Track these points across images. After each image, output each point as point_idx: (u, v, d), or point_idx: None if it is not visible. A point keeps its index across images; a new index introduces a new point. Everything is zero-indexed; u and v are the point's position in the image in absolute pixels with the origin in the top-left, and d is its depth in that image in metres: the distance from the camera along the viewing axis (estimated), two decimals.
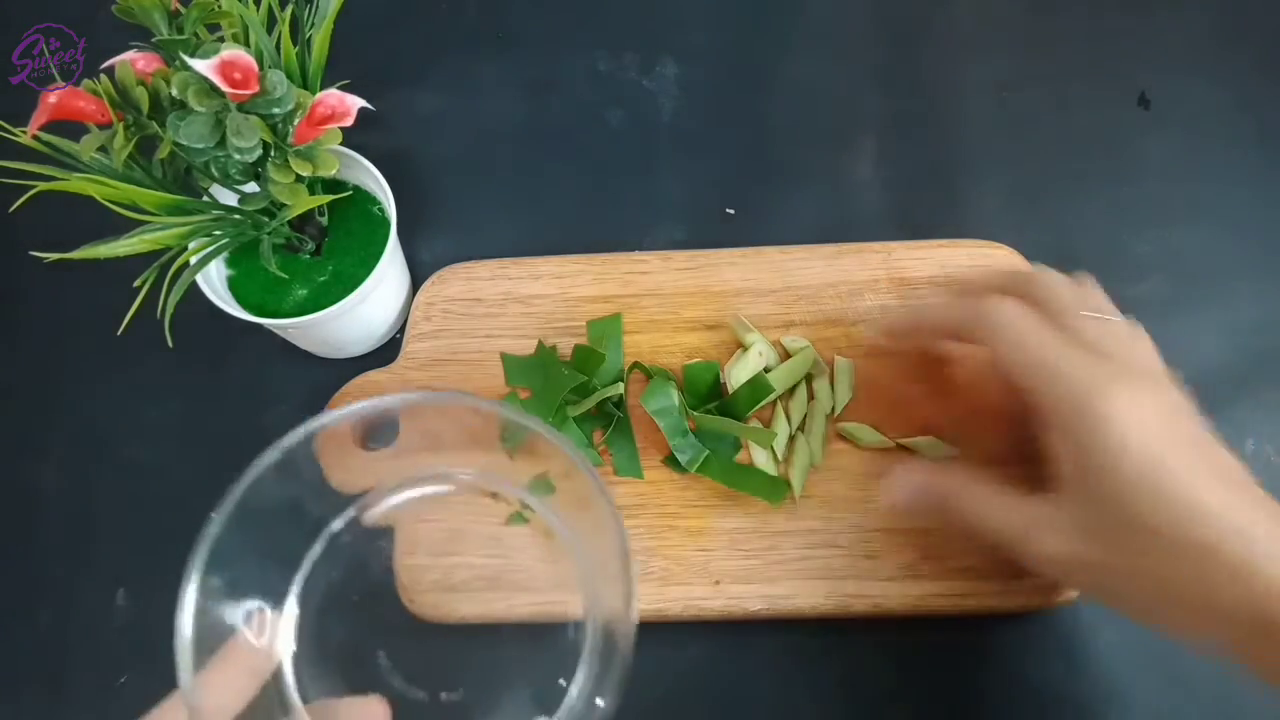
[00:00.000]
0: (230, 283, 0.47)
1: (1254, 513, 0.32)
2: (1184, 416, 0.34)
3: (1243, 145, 0.53)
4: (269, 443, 0.49)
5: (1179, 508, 0.32)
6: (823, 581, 0.43)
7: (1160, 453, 0.33)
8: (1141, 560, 0.33)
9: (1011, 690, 0.43)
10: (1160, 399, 0.34)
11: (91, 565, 0.48)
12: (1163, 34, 0.56)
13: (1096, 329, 0.37)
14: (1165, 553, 0.33)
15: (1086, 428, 0.34)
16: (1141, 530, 0.33)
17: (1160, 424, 0.33)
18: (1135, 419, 0.33)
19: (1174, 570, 0.33)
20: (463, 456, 0.41)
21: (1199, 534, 0.32)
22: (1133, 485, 0.33)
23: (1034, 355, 0.36)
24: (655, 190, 0.54)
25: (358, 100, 0.41)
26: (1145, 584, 0.34)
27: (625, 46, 0.58)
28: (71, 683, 0.46)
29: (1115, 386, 0.34)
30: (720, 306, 0.48)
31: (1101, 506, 0.34)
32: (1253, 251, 0.50)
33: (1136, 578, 0.34)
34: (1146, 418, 0.33)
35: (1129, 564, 0.34)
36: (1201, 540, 0.32)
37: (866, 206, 0.53)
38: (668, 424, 0.45)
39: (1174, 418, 0.34)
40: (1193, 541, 0.32)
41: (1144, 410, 0.34)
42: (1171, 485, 0.32)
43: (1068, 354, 0.36)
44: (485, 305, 0.49)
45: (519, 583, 0.43)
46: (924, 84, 0.56)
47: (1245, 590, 0.31)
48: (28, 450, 0.50)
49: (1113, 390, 0.34)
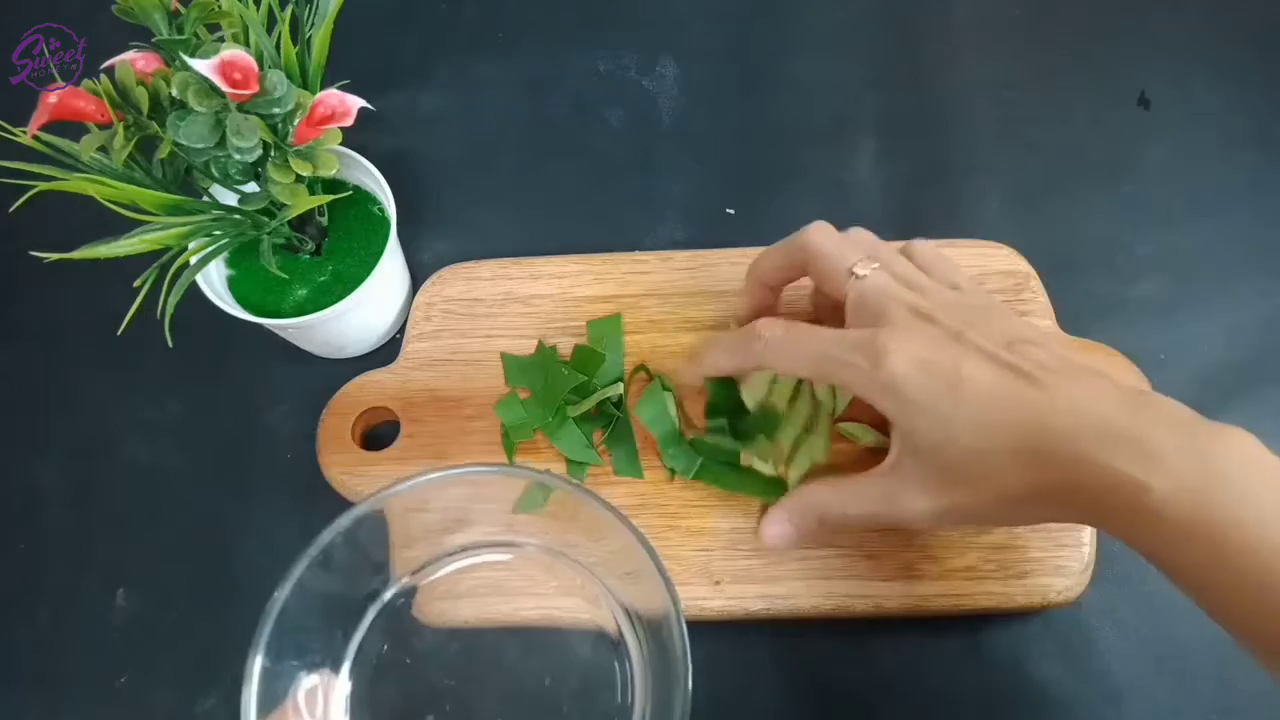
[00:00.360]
0: (230, 283, 0.47)
1: (1078, 387, 0.33)
2: (956, 338, 0.35)
3: (1243, 145, 0.53)
4: (269, 442, 0.49)
5: (990, 431, 0.34)
6: (823, 581, 0.43)
7: (945, 388, 0.34)
8: (988, 490, 0.35)
9: (1011, 690, 0.43)
10: (928, 338, 0.35)
11: (91, 565, 0.48)
12: (1163, 34, 0.56)
13: (864, 287, 0.38)
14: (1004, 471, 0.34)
15: (879, 397, 0.36)
16: (971, 463, 0.34)
17: (934, 365, 0.35)
18: (910, 374, 0.35)
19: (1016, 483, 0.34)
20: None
21: (1024, 443, 0.33)
22: (941, 430, 0.34)
23: (810, 357, 0.38)
24: (655, 190, 0.54)
25: (358, 100, 0.41)
26: (1005, 506, 0.35)
27: (625, 46, 0.58)
28: (71, 683, 0.46)
29: (884, 347, 0.35)
30: (720, 306, 0.48)
31: (932, 462, 0.36)
32: (1253, 251, 0.50)
33: (986, 507, 0.35)
34: (918, 368, 0.35)
35: (980, 497, 0.35)
36: (1027, 448, 0.33)
37: (866, 206, 0.53)
38: (660, 433, 0.45)
39: (947, 346, 0.35)
40: (1017, 451, 0.33)
41: (914, 357, 0.35)
42: (973, 412, 0.34)
43: (838, 338, 0.37)
44: (485, 305, 0.49)
45: (522, 588, 0.43)
46: (924, 84, 0.56)
47: (1086, 469, 0.32)
48: (28, 450, 0.50)
49: (883, 352, 0.35)
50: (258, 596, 0.44)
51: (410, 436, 0.47)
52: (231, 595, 0.46)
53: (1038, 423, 0.33)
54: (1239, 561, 0.30)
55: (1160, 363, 0.47)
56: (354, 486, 0.45)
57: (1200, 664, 0.42)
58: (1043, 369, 0.34)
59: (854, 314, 0.39)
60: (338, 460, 0.46)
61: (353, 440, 0.47)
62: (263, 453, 0.49)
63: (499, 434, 0.46)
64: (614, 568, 0.40)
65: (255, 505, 0.48)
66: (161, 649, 0.46)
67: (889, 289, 0.38)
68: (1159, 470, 0.31)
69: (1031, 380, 0.34)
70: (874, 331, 0.36)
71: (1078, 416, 0.32)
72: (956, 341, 0.35)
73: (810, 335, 0.39)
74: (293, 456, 0.49)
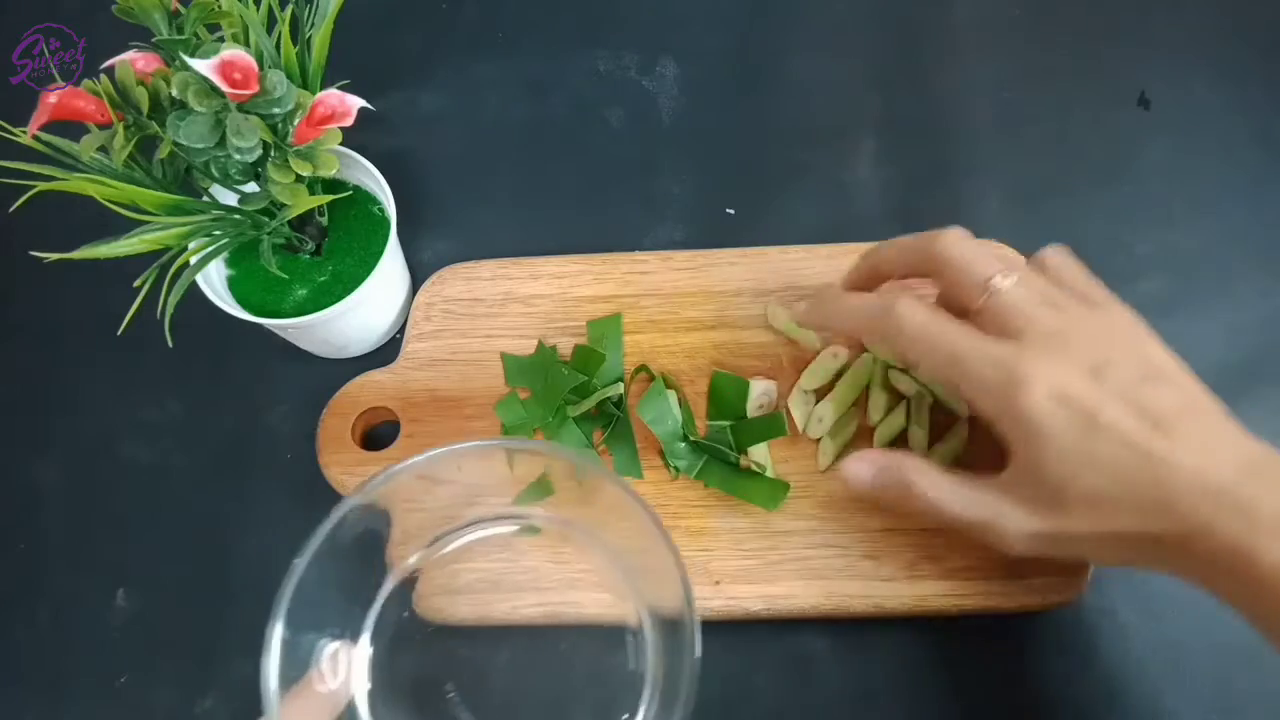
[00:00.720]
0: (230, 283, 0.47)
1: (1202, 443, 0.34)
2: (1094, 375, 0.35)
3: (1243, 145, 0.53)
4: (269, 442, 0.49)
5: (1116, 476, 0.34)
6: (823, 581, 0.43)
7: (1080, 430, 0.34)
8: (1099, 526, 0.35)
9: (1011, 690, 0.43)
10: (1067, 370, 0.35)
11: (91, 565, 0.48)
12: (1163, 34, 0.56)
13: (1001, 303, 0.37)
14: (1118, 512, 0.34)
15: (1010, 421, 0.36)
16: (1090, 500, 0.34)
17: (1073, 401, 0.34)
18: (1048, 409, 0.34)
19: (1129, 525, 0.34)
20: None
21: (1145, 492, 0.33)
22: (1068, 466, 0.34)
23: (943, 356, 0.37)
24: (655, 190, 0.54)
25: (358, 100, 0.41)
26: (1108, 543, 0.35)
27: (625, 46, 0.58)
28: (71, 683, 0.46)
29: (1025, 374, 0.35)
30: (720, 306, 0.48)
31: (1049, 489, 0.35)
32: (1252, 251, 0.50)
33: (1090, 542, 0.36)
34: (1056, 404, 0.34)
35: (1089, 530, 0.35)
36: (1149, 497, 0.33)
37: (866, 206, 0.53)
38: (663, 432, 0.45)
39: (1085, 384, 0.35)
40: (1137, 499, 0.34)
41: (1054, 392, 0.35)
42: (1101, 456, 0.34)
43: (975, 347, 0.36)
44: (485, 305, 0.49)
45: (522, 584, 0.43)
46: (924, 84, 0.56)
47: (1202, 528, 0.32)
48: (28, 450, 0.50)
49: (1023, 380, 0.35)
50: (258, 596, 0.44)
51: (410, 437, 0.47)
52: (231, 595, 0.46)
53: (1161, 475, 0.33)
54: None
55: None
56: (354, 486, 0.45)
57: (1200, 664, 0.42)
58: (1174, 417, 0.34)
59: (988, 328, 0.37)
60: (338, 460, 0.46)
61: (353, 440, 0.47)
62: (263, 453, 0.49)
63: (499, 434, 0.46)
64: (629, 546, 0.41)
65: (255, 505, 0.48)
66: (161, 649, 0.46)
67: (1027, 306, 0.37)
68: (1266, 540, 0.31)
69: (1163, 430, 0.34)
70: (1015, 351, 0.36)
71: (1198, 475, 0.33)
72: (1095, 380, 0.35)
73: (951, 333, 0.37)
74: (293, 456, 0.49)
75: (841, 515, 0.44)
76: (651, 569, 0.37)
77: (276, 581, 0.36)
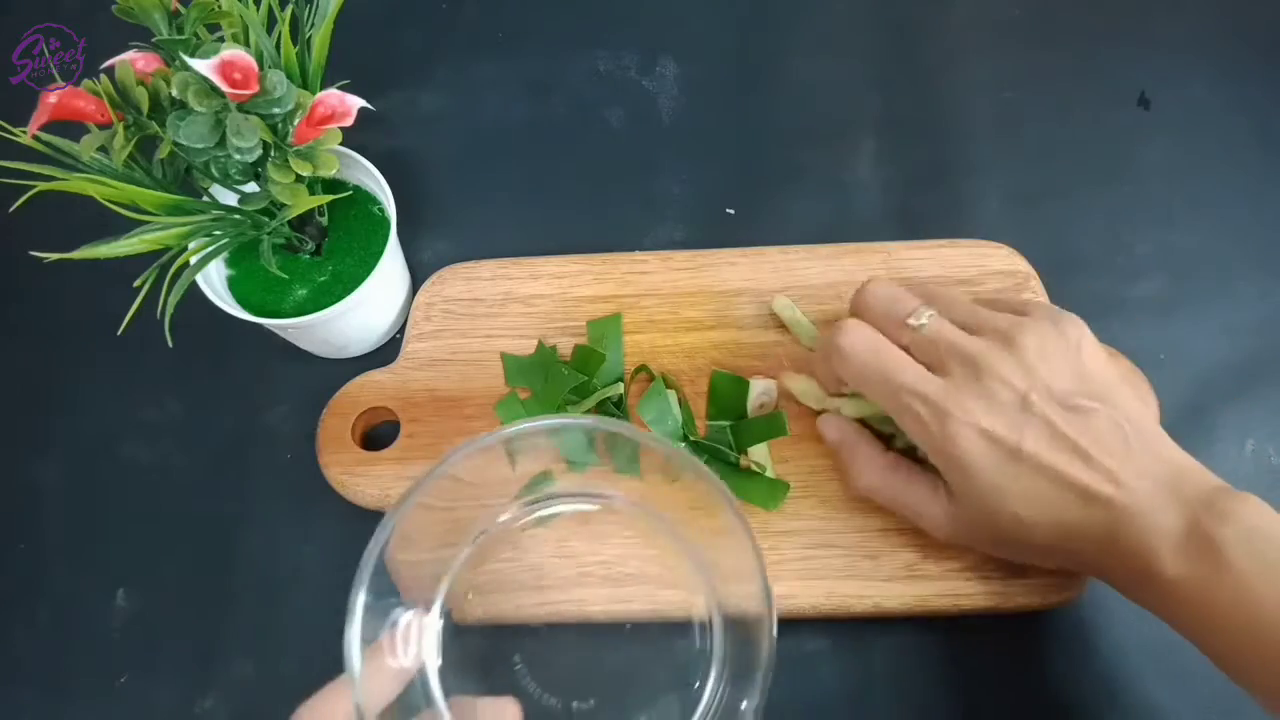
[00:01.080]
0: (230, 283, 0.47)
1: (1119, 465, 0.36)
2: (1020, 407, 0.37)
3: (1242, 145, 0.53)
4: (269, 442, 0.49)
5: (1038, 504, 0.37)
6: (823, 581, 0.43)
7: (1003, 463, 0.37)
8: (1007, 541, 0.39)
9: (1011, 690, 0.43)
10: (989, 405, 0.37)
11: (91, 565, 0.48)
12: (1163, 34, 0.56)
13: (922, 339, 0.39)
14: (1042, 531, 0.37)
15: (942, 458, 0.38)
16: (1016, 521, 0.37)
17: (997, 438, 0.37)
18: (977, 449, 0.37)
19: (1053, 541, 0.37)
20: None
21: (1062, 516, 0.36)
22: (993, 498, 0.37)
23: (885, 390, 0.39)
24: (655, 190, 0.54)
25: (358, 100, 0.41)
26: (1014, 552, 0.40)
27: (625, 46, 0.58)
28: (71, 683, 0.46)
29: (950, 412, 0.37)
30: (720, 306, 0.48)
31: (971, 510, 0.38)
32: (1252, 251, 0.50)
33: (1011, 549, 0.40)
34: (983, 442, 0.37)
35: (1001, 543, 0.39)
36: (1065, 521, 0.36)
37: (866, 206, 0.53)
38: (663, 432, 0.45)
39: (1009, 418, 0.37)
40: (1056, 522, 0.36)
41: (980, 429, 0.37)
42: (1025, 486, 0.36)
43: (906, 384, 0.38)
44: (485, 305, 0.49)
45: (526, 582, 0.43)
46: (924, 84, 0.56)
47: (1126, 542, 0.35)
48: (28, 450, 0.50)
49: (950, 419, 0.37)
50: (258, 596, 0.44)
51: (410, 437, 0.47)
52: (232, 595, 0.46)
53: (1081, 499, 0.36)
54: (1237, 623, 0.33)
55: (1160, 362, 0.47)
56: (354, 486, 0.45)
57: (1200, 664, 0.42)
58: (1091, 442, 0.36)
59: (920, 361, 0.40)
60: (338, 460, 0.46)
61: (353, 440, 0.47)
62: (263, 453, 0.49)
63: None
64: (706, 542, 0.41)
65: (255, 505, 0.48)
66: (161, 649, 0.46)
67: (942, 339, 0.39)
68: (1169, 556, 0.34)
69: (1084, 457, 0.36)
70: (942, 387, 0.38)
71: (1112, 500, 0.35)
72: (1021, 410, 0.37)
73: (888, 359, 0.39)
74: (293, 456, 0.49)
75: (841, 515, 0.44)
76: (726, 565, 0.38)
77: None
